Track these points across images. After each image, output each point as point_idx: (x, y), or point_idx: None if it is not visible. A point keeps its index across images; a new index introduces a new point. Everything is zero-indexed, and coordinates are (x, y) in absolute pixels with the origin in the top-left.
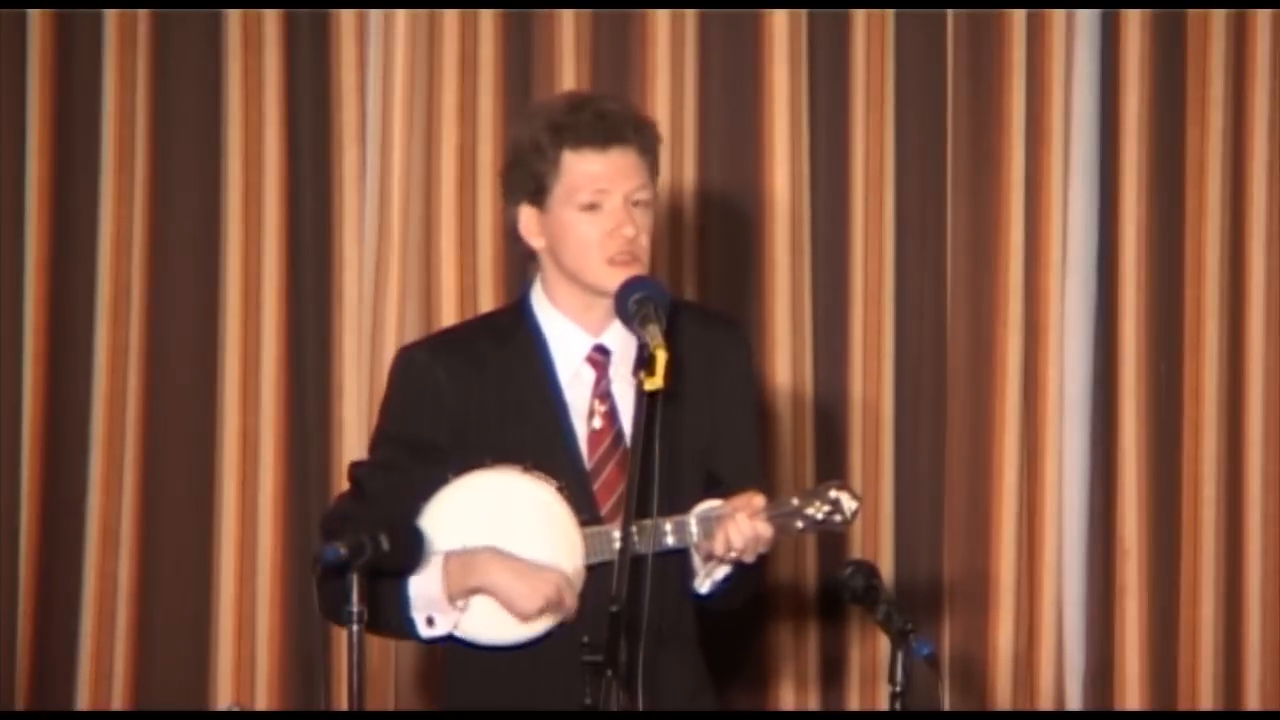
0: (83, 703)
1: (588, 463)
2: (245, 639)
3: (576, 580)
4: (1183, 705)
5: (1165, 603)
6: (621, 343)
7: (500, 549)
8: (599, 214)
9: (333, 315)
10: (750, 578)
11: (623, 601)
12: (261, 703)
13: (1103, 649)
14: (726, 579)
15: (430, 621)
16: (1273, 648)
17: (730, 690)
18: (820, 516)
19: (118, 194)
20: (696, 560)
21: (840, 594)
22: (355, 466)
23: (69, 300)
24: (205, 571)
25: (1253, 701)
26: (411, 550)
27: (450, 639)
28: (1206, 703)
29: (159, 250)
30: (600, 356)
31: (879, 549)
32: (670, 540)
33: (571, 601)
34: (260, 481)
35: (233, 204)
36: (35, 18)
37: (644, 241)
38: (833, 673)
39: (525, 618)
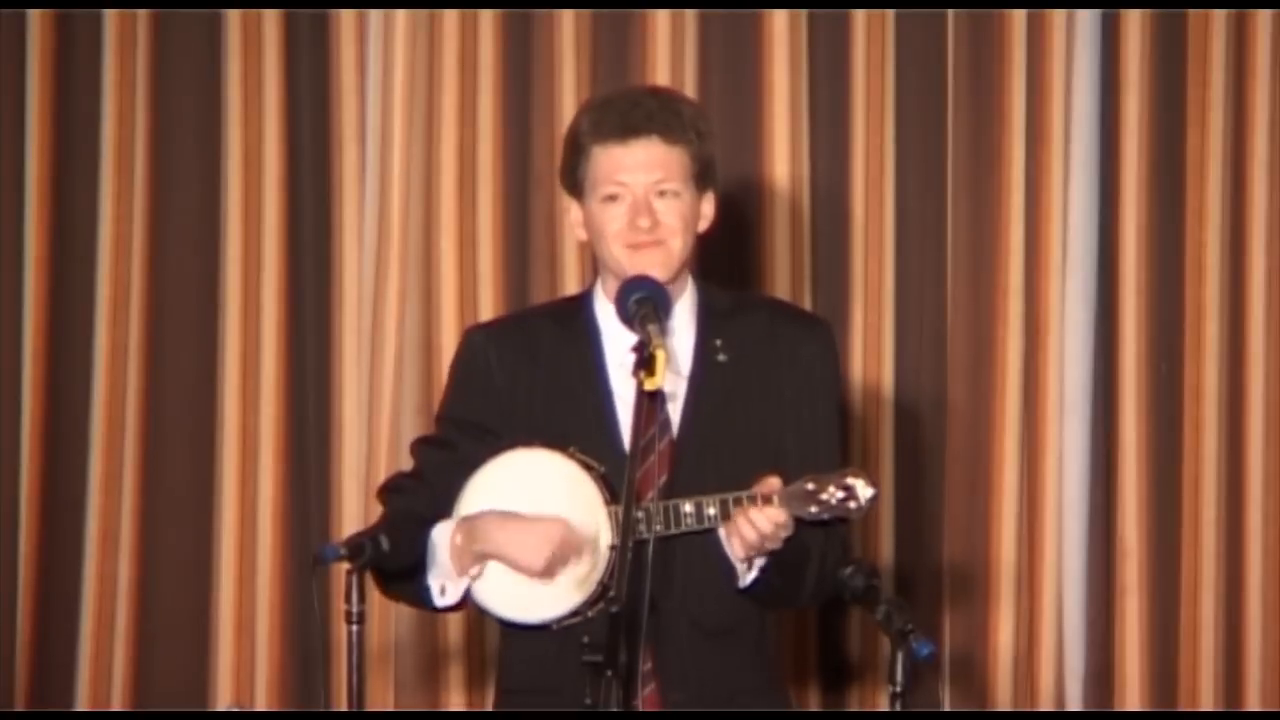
0: (83, 703)
1: (629, 450)
2: (245, 639)
3: (600, 561)
4: (1183, 705)
5: (1165, 603)
6: (668, 335)
7: (503, 511)
8: (619, 205)
9: (333, 315)
10: (794, 572)
11: (623, 601)
12: (261, 703)
13: (1103, 649)
14: (765, 569)
15: (443, 590)
16: (1273, 648)
17: None
18: (834, 501)
19: (118, 194)
20: (732, 557)
21: (840, 594)
22: (416, 442)
23: (69, 300)
24: (205, 571)
25: (1253, 701)
26: (412, 549)
27: (468, 604)
28: (1206, 703)
29: (159, 250)
30: None
31: (879, 548)
32: (690, 521)
33: (586, 558)
34: (260, 481)
35: (233, 204)
36: (35, 18)
37: (666, 229)
38: (833, 673)
39: (536, 573)
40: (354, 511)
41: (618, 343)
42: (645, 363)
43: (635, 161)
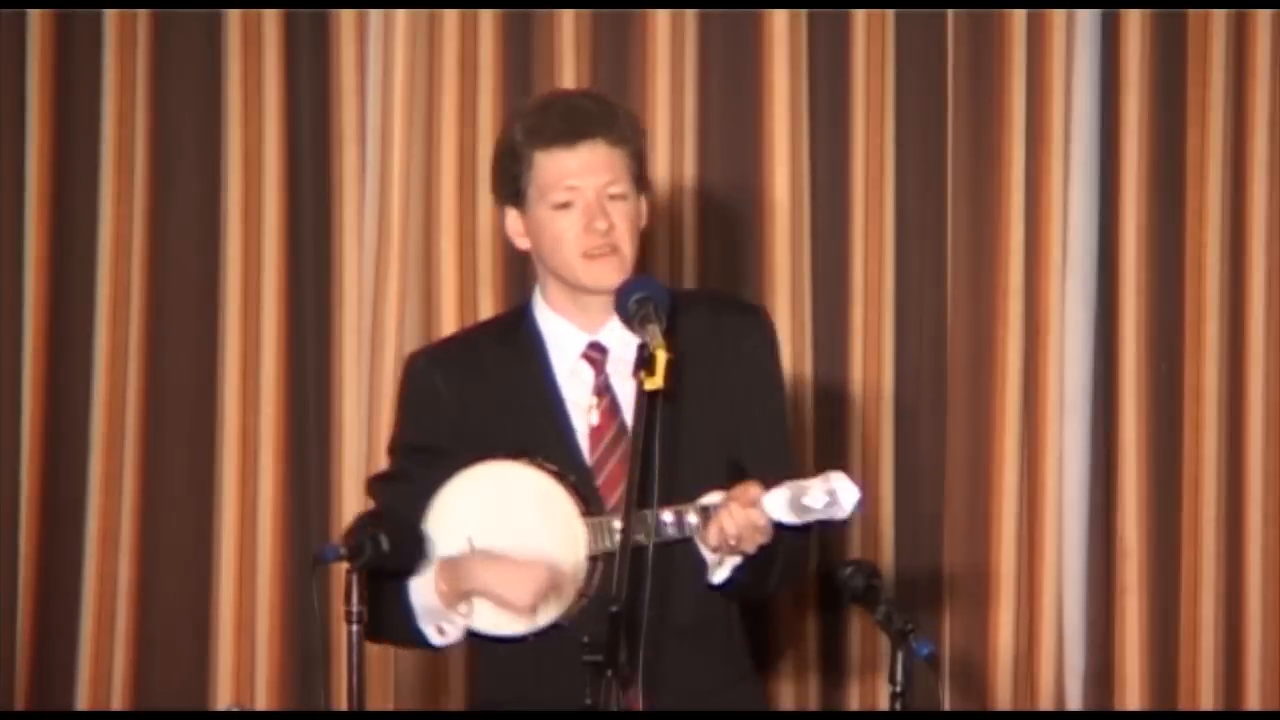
0: (83, 703)
1: (589, 458)
2: (245, 639)
3: (578, 572)
4: (1183, 705)
5: (1165, 603)
6: (618, 340)
7: (487, 551)
8: (572, 211)
9: (333, 315)
10: (763, 568)
11: (622, 601)
12: (261, 703)
13: (1103, 649)
14: (740, 569)
15: (441, 631)
16: (1273, 648)
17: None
18: (818, 506)
19: (118, 194)
20: (705, 552)
21: (840, 594)
22: (372, 481)
23: (69, 300)
24: (205, 571)
25: (1253, 701)
26: (411, 551)
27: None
28: (1206, 703)
29: (159, 250)
30: (596, 354)
31: (879, 548)
32: (670, 531)
33: (569, 587)
34: (260, 481)
35: (233, 204)
36: (35, 18)
37: (620, 234)
38: (833, 673)
39: (522, 613)
40: (354, 511)
41: (564, 351)
42: (645, 363)
43: (583, 165)
